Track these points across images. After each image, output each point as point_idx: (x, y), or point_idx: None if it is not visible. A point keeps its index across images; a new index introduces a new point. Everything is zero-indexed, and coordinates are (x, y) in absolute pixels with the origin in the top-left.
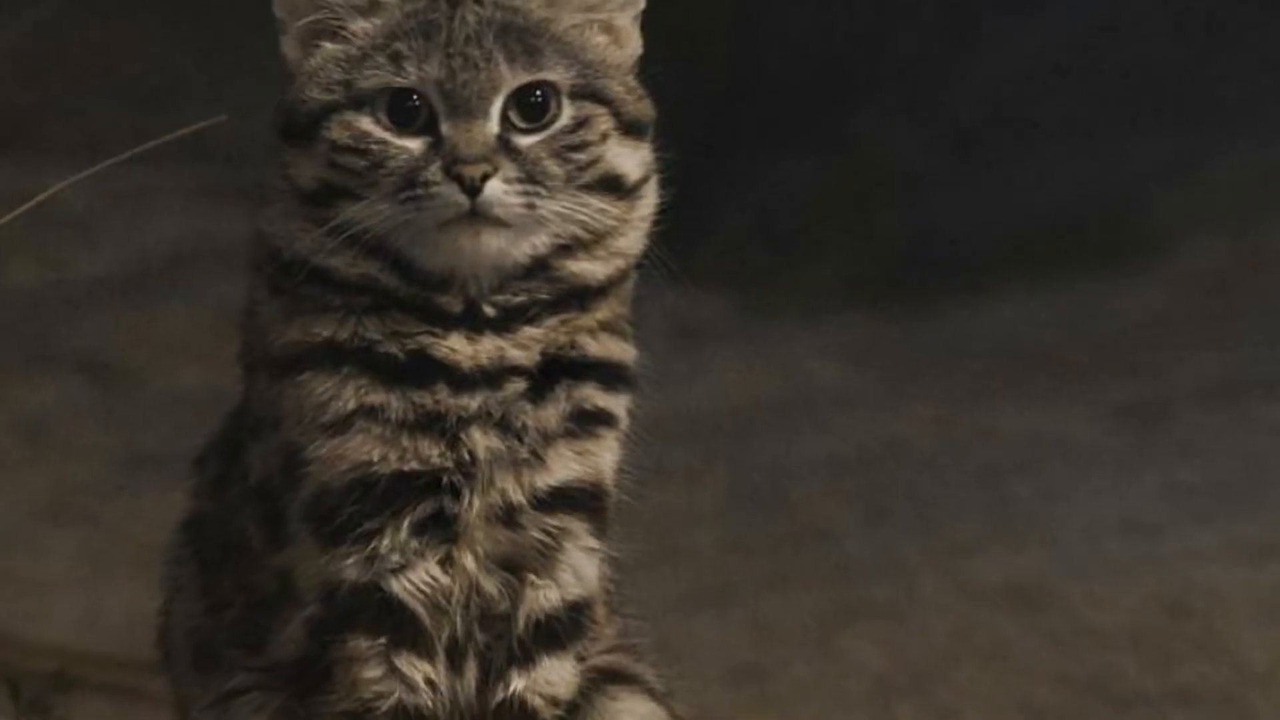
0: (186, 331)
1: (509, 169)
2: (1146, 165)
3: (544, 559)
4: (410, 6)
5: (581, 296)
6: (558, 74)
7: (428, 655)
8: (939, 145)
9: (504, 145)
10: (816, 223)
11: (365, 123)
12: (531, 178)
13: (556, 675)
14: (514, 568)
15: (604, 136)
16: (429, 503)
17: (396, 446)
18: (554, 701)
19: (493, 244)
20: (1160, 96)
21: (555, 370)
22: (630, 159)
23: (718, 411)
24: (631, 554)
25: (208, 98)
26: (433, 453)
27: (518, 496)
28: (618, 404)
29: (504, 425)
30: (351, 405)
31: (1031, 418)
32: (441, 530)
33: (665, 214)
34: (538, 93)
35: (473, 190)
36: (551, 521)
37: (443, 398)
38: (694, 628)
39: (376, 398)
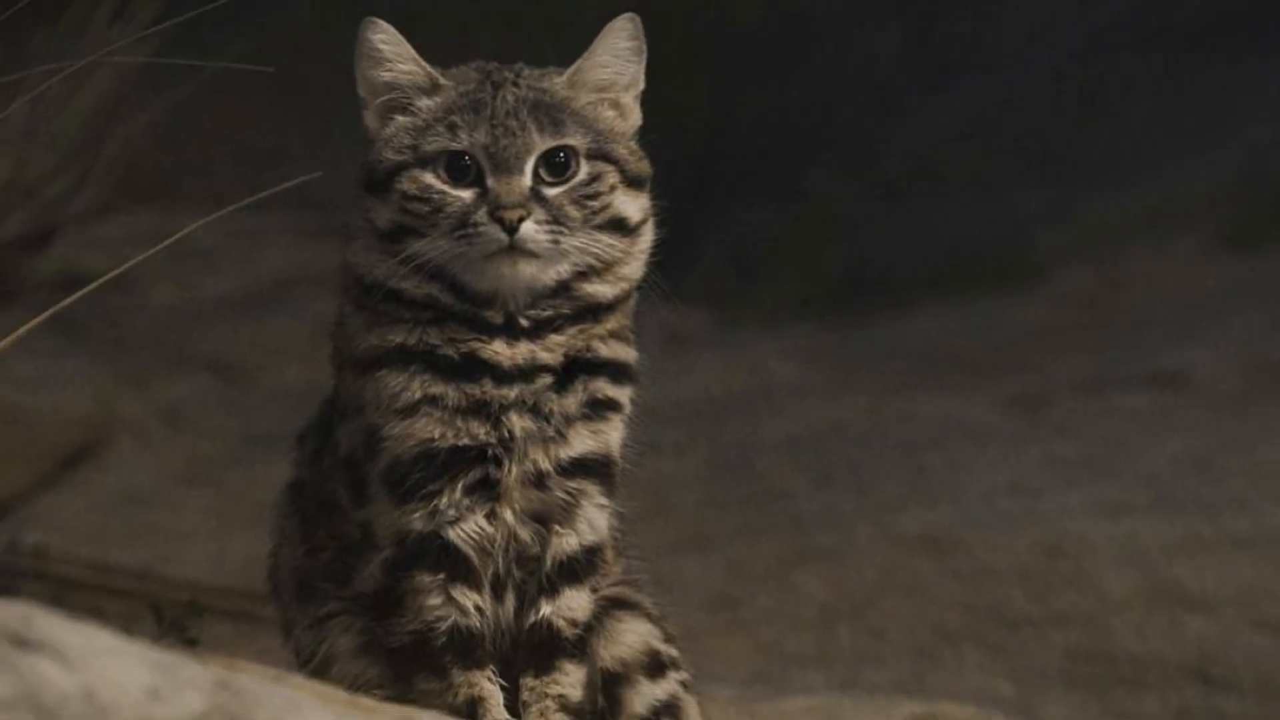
0: (290, 339)
1: (539, 213)
2: (1031, 209)
3: (566, 513)
4: (463, 88)
5: (595, 311)
6: (577, 139)
7: (477, 587)
8: (872, 194)
9: (535, 195)
10: (776, 254)
11: (428, 178)
12: (557, 220)
13: (576, 603)
14: (543, 520)
15: (612, 188)
16: (478, 470)
17: (453, 427)
18: (574, 623)
19: (526, 271)
20: (1043, 156)
21: (574, 368)
22: (632, 205)
23: (699, 400)
24: (632, 509)
25: (306, 158)
26: (480, 431)
27: (546, 465)
28: (623, 394)
29: (535, 410)
30: (418, 395)
31: (943, 405)
32: (487, 491)
33: (659, 248)
34: (561, 154)
35: (511, 230)
36: (571, 484)
37: (488, 389)
38: (681, 567)
39: (437, 389)
